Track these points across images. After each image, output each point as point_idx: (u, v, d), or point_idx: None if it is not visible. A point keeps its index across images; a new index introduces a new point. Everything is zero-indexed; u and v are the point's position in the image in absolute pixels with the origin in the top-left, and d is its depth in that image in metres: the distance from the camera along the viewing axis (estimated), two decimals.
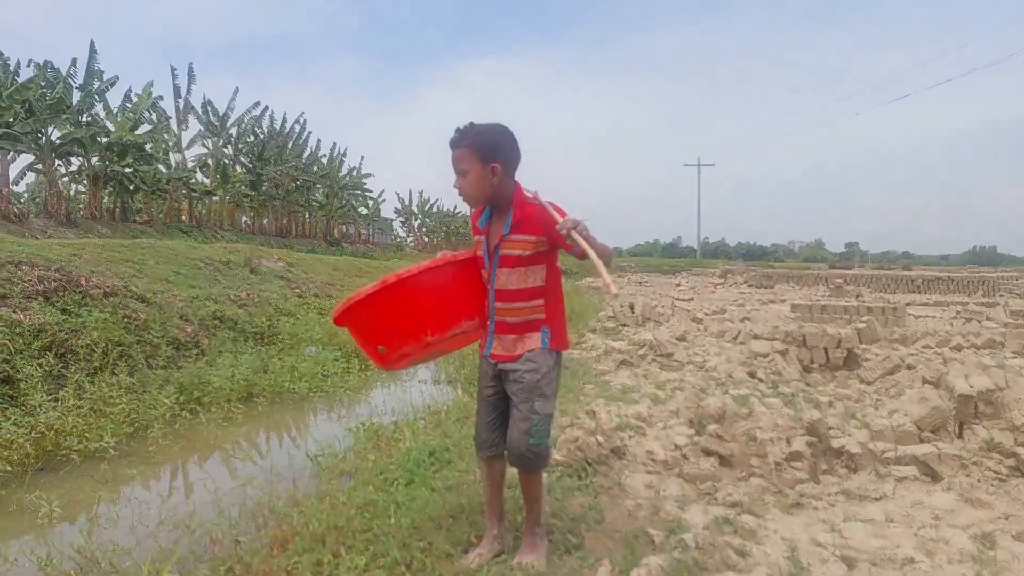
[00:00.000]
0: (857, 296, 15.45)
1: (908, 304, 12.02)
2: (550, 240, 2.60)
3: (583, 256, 2.38)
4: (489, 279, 2.70)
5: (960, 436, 3.96)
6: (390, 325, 2.70)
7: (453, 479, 3.93)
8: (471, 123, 2.65)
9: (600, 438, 3.92)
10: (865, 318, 8.01)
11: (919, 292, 22.15)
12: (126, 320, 8.11)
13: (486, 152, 2.60)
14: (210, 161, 35.33)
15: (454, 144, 2.65)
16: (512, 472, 2.90)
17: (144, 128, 29.04)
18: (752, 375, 6.32)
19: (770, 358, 6.57)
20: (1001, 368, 5.07)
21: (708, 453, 3.87)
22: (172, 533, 4.13)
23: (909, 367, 6.01)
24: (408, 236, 65.62)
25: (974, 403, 3.95)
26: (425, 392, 7.95)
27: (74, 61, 25.54)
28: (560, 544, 2.87)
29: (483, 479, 2.95)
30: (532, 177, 2.78)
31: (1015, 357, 6.61)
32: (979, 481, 3.58)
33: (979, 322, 9.13)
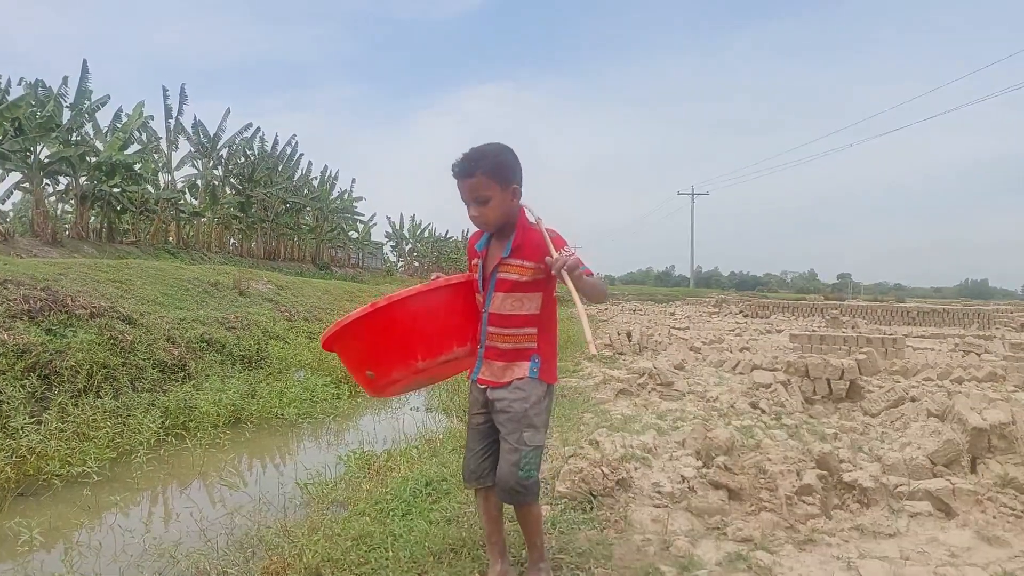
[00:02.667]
0: (853, 327, 15.43)
1: (905, 336, 11.99)
2: (547, 269, 2.49)
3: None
4: (484, 303, 2.59)
5: (973, 470, 3.86)
6: (380, 349, 2.61)
7: (452, 511, 3.79)
8: (472, 149, 2.54)
9: (605, 469, 3.79)
10: (865, 349, 7.94)
11: (914, 324, 22.21)
12: (112, 341, 7.94)
13: (505, 175, 2.51)
14: (199, 182, 35.21)
15: (466, 173, 2.50)
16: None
17: (134, 148, 28.95)
18: (754, 406, 6.21)
19: (772, 389, 6.47)
20: (1007, 402, 5.00)
21: (716, 486, 3.74)
22: (157, 563, 3.97)
23: (913, 399, 5.92)
24: (398, 261, 65.49)
25: (987, 436, 3.85)
26: (418, 420, 7.80)
27: (65, 80, 25.48)
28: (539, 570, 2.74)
29: (481, 512, 2.82)
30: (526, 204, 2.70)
31: (1017, 391, 6.54)
32: (995, 518, 3.47)
33: (978, 355, 9.09)
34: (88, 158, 26.31)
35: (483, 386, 2.63)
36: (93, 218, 30.11)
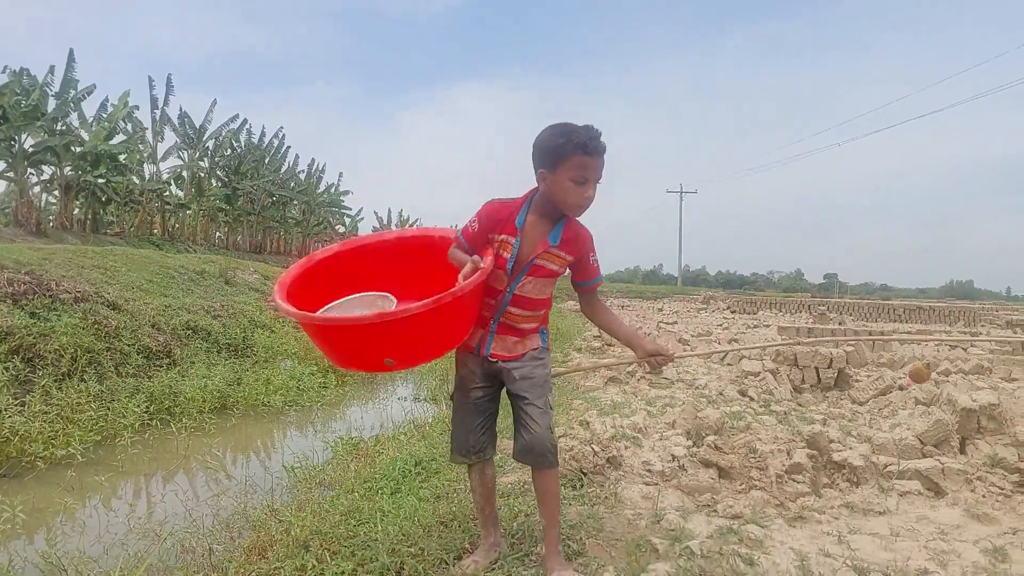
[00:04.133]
0: (840, 323, 15.51)
1: (893, 331, 12.06)
2: (575, 266, 2.60)
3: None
4: (510, 283, 2.52)
5: (963, 451, 3.87)
6: (415, 341, 2.43)
7: (442, 488, 3.76)
8: (584, 126, 2.42)
9: (596, 448, 3.78)
10: (853, 341, 7.95)
11: (900, 321, 22.34)
12: (96, 326, 7.86)
13: None
14: (185, 174, 34.95)
15: (603, 150, 2.43)
16: (505, 480, 2.74)
17: (119, 138, 28.67)
18: (743, 393, 6.22)
19: (761, 377, 6.48)
20: (995, 390, 5.02)
21: (707, 464, 3.74)
22: (141, 542, 3.92)
23: (901, 388, 5.94)
24: None
25: (977, 417, 3.87)
26: (406, 408, 7.76)
27: (51, 69, 25.23)
28: (560, 551, 2.71)
29: (475, 487, 2.76)
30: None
31: (1003, 382, 6.57)
32: (984, 497, 3.48)
33: (964, 349, 9.14)
34: (73, 148, 26.07)
35: (495, 360, 2.59)
36: (78, 209, 29.83)
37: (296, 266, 3.06)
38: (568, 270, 2.61)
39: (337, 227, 52.58)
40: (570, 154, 2.36)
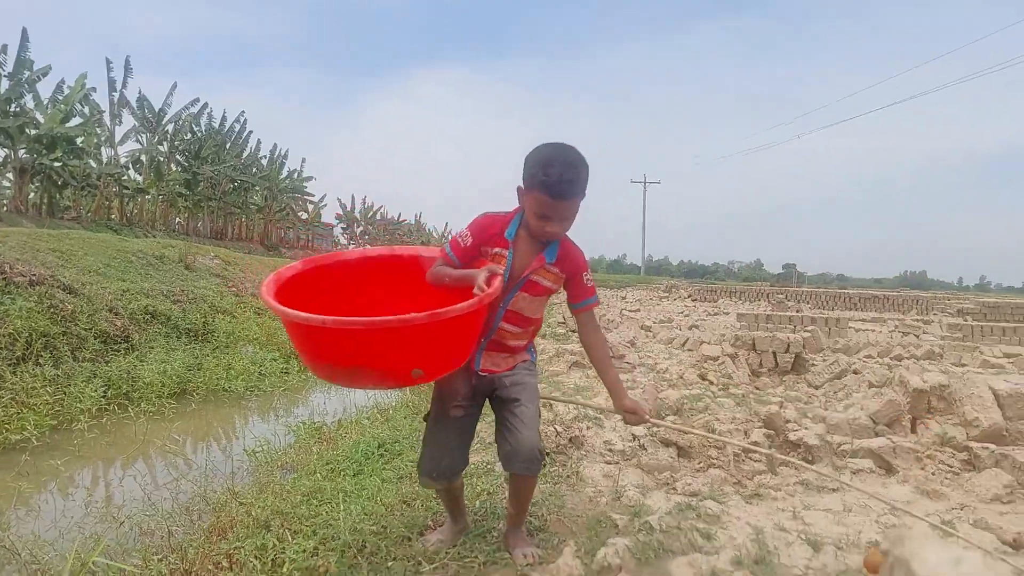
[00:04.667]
0: (798, 311, 15.80)
1: (848, 319, 12.34)
2: (568, 286, 2.55)
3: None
4: (504, 298, 2.45)
5: (914, 430, 3.99)
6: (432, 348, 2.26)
7: (405, 469, 3.77)
8: (568, 164, 2.31)
9: (558, 428, 3.82)
10: (810, 328, 8.13)
11: (856, 309, 22.85)
12: (52, 310, 7.70)
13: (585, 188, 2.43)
14: (144, 158, 34.25)
15: (575, 195, 2.36)
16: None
17: (75, 121, 28.01)
18: (703, 377, 6.31)
19: (720, 361, 6.59)
20: (945, 373, 5.18)
21: (666, 444, 3.80)
22: (99, 525, 3.87)
23: (856, 372, 6.09)
24: (349, 243, 64.69)
25: (927, 398, 3.99)
26: (369, 394, 7.74)
27: (4, 48, 24.47)
28: (523, 528, 2.74)
29: (442, 497, 2.72)
30: (480, 192, 2.62)
31: (954, 367, 6.78)
32: (934, 474, 3.59)
33: (917, 336, 9.40)
34: (28, 130, 25.41)
35: (484, 374, 2.53)
36: (33, 192, 29.11)
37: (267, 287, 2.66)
38: (563, 290, 2.57)
39: (300, 214, 52.01)
40: (536, 187, 2.31)
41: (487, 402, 2.62)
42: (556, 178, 2.27)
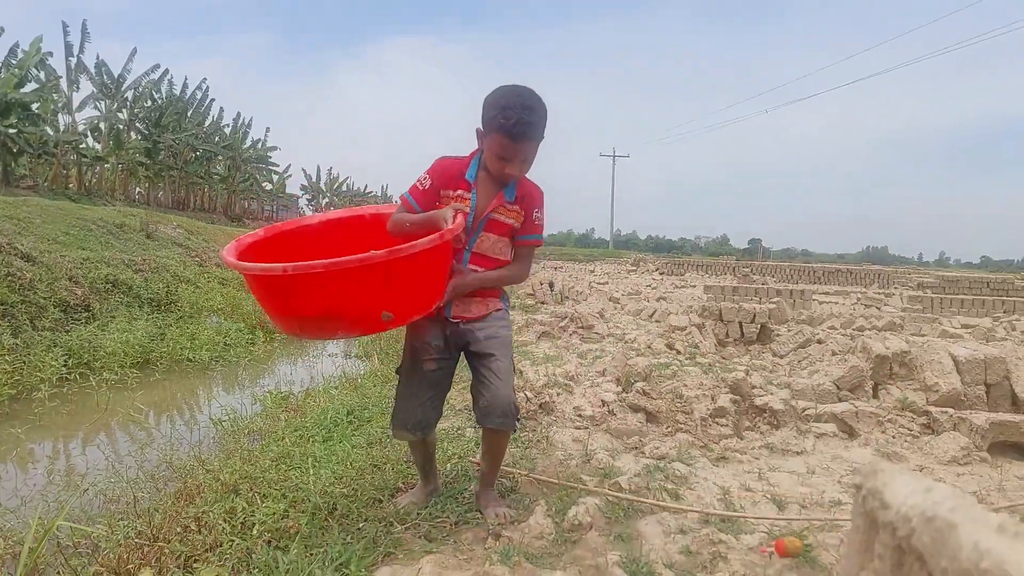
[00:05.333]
0: (763, 283, 16.01)
1: (812, 292, 12.55)
2: (525, 222, 2.52)
3: None
4: (468, 240, 2.45)
5: (875, 396, 4.08)
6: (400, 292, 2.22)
7: (375, 435, 3.76)
8: (525, 104, 2.31)
9: (529, 394, 3.83)
10: (775, 300, 8.25)
11: (820, 283, 23.30)
12: (10, 279, 7.51)
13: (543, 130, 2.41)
14: (102, 125, 33.26)
15: (534, 137, 2.36)
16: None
17: (31, 87, 27.06)
18: (670, 347, 6.37)
19: (687, 331, 6.66)
20: (907, 342, 5.29)
21: (635, 409, 3.84)
22: (62, 493, 3.80)
23: (820, 342, 6.19)
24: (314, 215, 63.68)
25: (889, 364, 4.07)
26: (336, 363, 7.69)
27: None
28: (495, 489, 2.76)
29: (415, 455, 2.72)
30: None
31: (914, 337, 6.94)
32: (894, 437, 3.69)
33: (878, 308, 9.59)
34: None
35: (457, 321, 2.50)
36: None
37: (227, 250, 2.62)
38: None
39: (264, 184, 51.17)
40: (495, 129, 2.31)
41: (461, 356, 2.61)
42: (515, 120, 2.28)
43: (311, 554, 2.23)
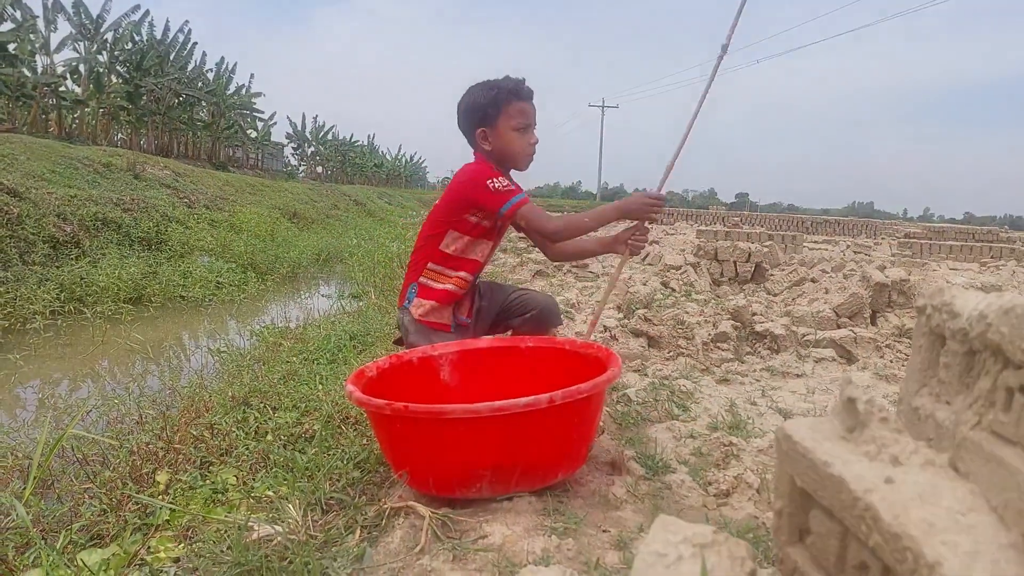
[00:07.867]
0: (754, 230, 16.09)
1: (803, 238, 12.63)
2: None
3: None
4: (495, 247, 2.57)
5: (874, 323, 4.14)
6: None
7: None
8: (504, 77, 2.37)
9: None
10: (767, 243, 8.29)
11: (809, 233, 23.49)
12: None
13: None
14: (82, 67, 32.47)
15: (530, 95, 2.37)
16: None
17: (7, 26, 26.32)
18: (666, 285, 6.41)
19: (683, 271, 6.69)
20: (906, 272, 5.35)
21: (637, 334, 3.88)
22: (62, 417, 3.80)
23: (814, 280, 6.25)
24: (300, 164, 62.98)
25: (888, 292, 4.12)
26: (332, 302, 7.68)
27: None
28: None
29: None
30: (434, 115, 2.60)
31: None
32: (892, 362, 3.75)
33: (868, 254, 9.67)
34: None
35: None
36: None
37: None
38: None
39: (249, 132, 50.35)
40: (505, 102, 2.31)
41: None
42: (514, 82, 2.33)
43: (329, 453, 2.26)
